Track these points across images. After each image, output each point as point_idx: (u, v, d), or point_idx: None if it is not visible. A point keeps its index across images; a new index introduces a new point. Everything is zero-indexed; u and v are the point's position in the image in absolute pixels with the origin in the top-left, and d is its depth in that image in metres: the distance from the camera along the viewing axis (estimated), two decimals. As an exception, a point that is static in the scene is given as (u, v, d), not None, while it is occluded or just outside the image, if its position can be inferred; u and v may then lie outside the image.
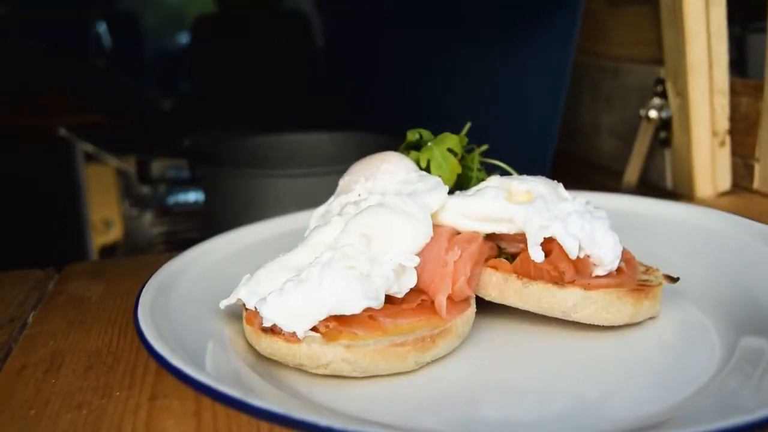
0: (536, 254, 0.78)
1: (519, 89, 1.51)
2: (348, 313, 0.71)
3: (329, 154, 1.78)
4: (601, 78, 1.60)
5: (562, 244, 0.77)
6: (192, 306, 0.83)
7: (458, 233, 0.81)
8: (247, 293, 0.78)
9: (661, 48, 1.37)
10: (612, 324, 0.79)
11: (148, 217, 2.28)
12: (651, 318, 0.83)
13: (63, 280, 1.07)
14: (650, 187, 1.47)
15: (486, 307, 0.83)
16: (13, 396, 0.74)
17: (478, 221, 0.81)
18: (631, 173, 1.44)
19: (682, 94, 1.32)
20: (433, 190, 0.82)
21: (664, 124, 1.39)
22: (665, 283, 0.84)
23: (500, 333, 0.82)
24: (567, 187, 1.16)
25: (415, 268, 0.77)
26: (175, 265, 0.88)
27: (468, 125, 1.01)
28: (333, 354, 0.71)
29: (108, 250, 2.29)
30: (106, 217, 2.40)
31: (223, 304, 0.80)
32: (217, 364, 0.72)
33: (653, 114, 1.38)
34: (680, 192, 1.39)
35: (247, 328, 0.77)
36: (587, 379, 0.73)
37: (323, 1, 2.90)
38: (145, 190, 2.38)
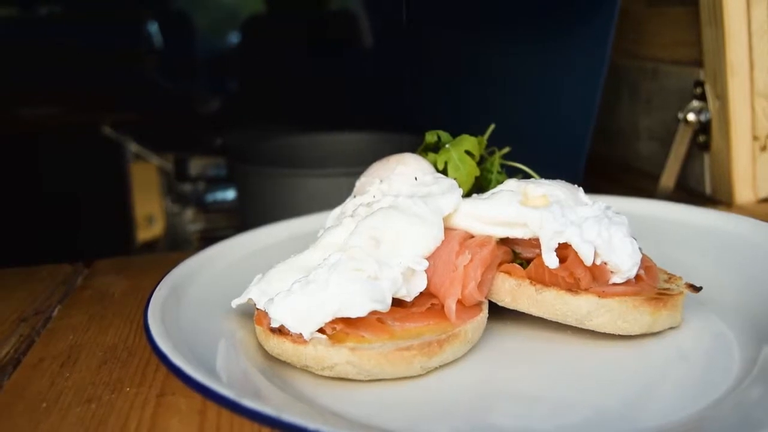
0: (550, 260, 0.76)
1: (554, 91, 1.49)
2: (353, 315, 0.70)
3: (365, 154, 1.78)
4: (641, 80, 1.57)
5: (577, 250, 0.76)
6: (207, 304, 0.83)
7: (471, 237, 0.80)
8: (257, 293, 0.78)
9: (701, 49, 1.32)
10: (629, 333, 0.77)
11: (188, 213, 2.31)
12: (672, 328, 0.80)
13: (90, 276, 1.10)
14: (688, 192, 1.42)
15: (501, 313, 0.81)
16: (29, 388, 0.76)
17: (492, 225, 0.79)
18: (668, 178, 1.40)
19: (722, 96, 1.28)
20: (446, 192, 0.81)
21: (703, 128, 1.34)
22: (687, 292, 0.82)
23: (514, 340, 0.81)
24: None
25: (426, 271, 0.76)
26: (192, 263, 0.89)
27: (491, 127, 1.00)
28: (338, 356, 0.70)
29: (149, 246, 2.34)
30: (148, 213, 2.45)
31: (235, 303, 0.80)
32: (224, 364, 0.72)
33: (691, 117, 1.34)
34: (719, 198, 1.34)
35: (257, 327, 0.78)
36: (604, 389, 0.71)
37: (370, 2, 2.89)
38: (187, 187, 2.42)
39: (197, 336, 0.75)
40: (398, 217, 0.77)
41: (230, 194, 2.21)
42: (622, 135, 1.67)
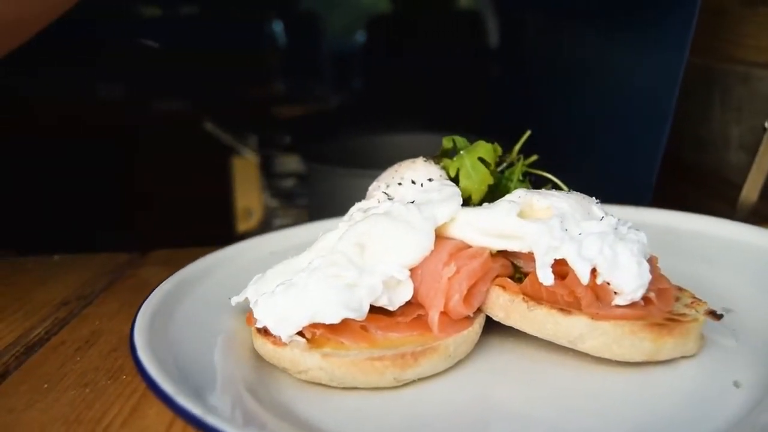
0: (544, 276, 0.72)
1: (628, 91, 1.41)
2: (327, 321, 0.70)
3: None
4: (732, 85, 1.44)
5: (572, 267, 0.71)
6: (216, 301, 0.85)
7: (468, 248, 0.77)
8: (253, 292, 0.79)
9: (792, 52, 1.21)
10: (626, 360, 0.71)
11: (281, 208, 2.38)
12: (685, 357, 0.74)
13: (140, 265, 1.15)
14: (775, 207, 1.30)
15: (504, 330, 0.78)
16: (41, 369, 0.81)
17: (489, 236, 0.76)
18: (750, 190, 1.28)
19: (811, 104, 1.16)
20: (445, 201, 0.78)
21: (792, 138, 1.22)
22: (708, 319, 0.75)
23: (511, 357, 0.77)
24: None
25: (414, 281, 0.74)
26: (209, 261, 0.93)
27: (527, 133, 0.96)
28: (311, 361, 0.70)
29: (243, 237, 2.42)
30: (247, 206, 2.54)
31: (234, 300, 0.82)
32: (209, 361, 0.74)
33: (777, 126, 1.22)
34: (807, 215, 1.22)
35: (252, 327, 0.79)
36: (598, 418, 0.66)
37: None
38: (288, 182, 2.49)
39: (193, 331, 0.78)
40: (388, 224, 0.75)
41: (317, 191, 2.25)
42: (712, 143, 1.55)
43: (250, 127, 2.43)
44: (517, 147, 0.95)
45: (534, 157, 0.92)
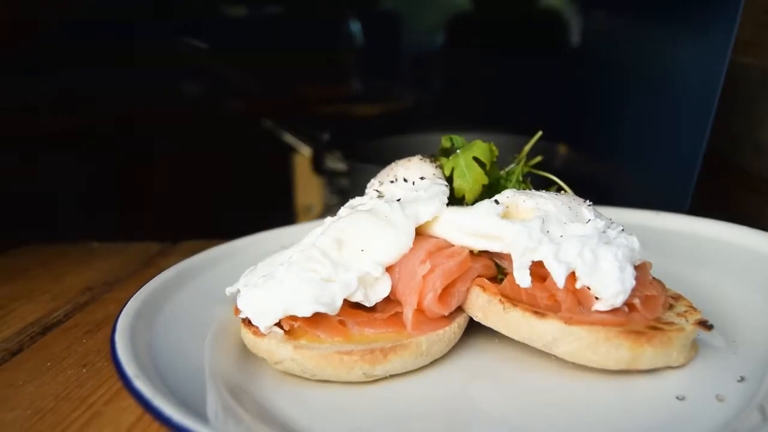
0: (521, 278, 0.71)
1: (668, 94, 1.35)
2: (299, 314, 0.71)
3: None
4: (788, 85, 1.37)
5: (548, 269, 0.70)
6: (216, 290, 0.88)
7: (449, 247, 0.76)
8: (243, 284, 0.82)
9: None
10: (602, 367, 0.69)
11: (339, 204, 2.42)
12: (672, 367, 0.71)
13: (167, 255, 1.20)
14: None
15: (492, 332, 0.76)
16: (48, 349, 0.86)
17: (470, 236, 0.76)
18: (795, 199, 1.22)
19: None
20: (429, 199, 0.78)
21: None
22: (698, 329, 0.72)
23: (493, 360, 0.76)
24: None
25: (393, 278, 0.75)
26: (215, 252, 0.95)
27: (539, 134, 0.95)
28: (284, 353, 0.72)
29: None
30: (308, 202, 2.59)
31: (228, 291, 0.84)
32: (190, 351, 0.76)
33: (827, 130, 1.15)
34: None
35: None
36: (568, 425, 0.65)
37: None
38: (346, 180, 2.52)
39: (185, 319, 0.80)
40: (368, 221, 0.76)
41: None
42: (768, 148, 1.47)
43: (308, 125, 2.48)
44: (527, 148, 0.93)
45: (538, 158, 0.91)
